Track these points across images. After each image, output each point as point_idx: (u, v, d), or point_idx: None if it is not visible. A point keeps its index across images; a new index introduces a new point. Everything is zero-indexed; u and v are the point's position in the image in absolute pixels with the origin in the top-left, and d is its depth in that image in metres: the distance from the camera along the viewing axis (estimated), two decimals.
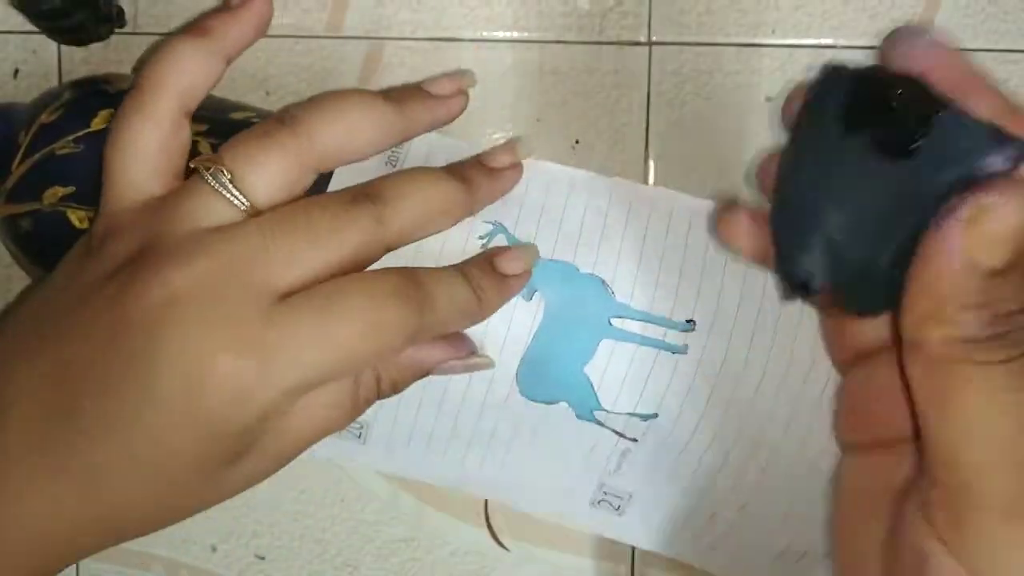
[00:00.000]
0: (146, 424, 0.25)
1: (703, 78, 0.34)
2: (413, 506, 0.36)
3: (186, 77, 0.27)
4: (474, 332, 0.30)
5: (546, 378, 0.31)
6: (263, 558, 0.36)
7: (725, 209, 0.27)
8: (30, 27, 0.33)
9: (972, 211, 0.20)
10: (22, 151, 0.29)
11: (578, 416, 0.31)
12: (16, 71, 0.34)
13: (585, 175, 0.32)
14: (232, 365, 0.24)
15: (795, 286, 0.24)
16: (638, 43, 0.34)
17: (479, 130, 0.33)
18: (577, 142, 0.34)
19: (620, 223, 0.31)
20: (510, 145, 0.31)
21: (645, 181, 0.34)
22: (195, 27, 0.28)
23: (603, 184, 0.32)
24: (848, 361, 0.27)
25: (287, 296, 0.25)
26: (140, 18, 0.34)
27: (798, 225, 0.23)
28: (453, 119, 0.30)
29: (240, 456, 0.26)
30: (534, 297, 0.30)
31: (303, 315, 0.25)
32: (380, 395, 0.28)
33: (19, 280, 0.35)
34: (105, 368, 0.25)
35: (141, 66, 0.28)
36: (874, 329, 0.25)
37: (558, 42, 0.34)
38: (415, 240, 0.28)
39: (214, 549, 0.36)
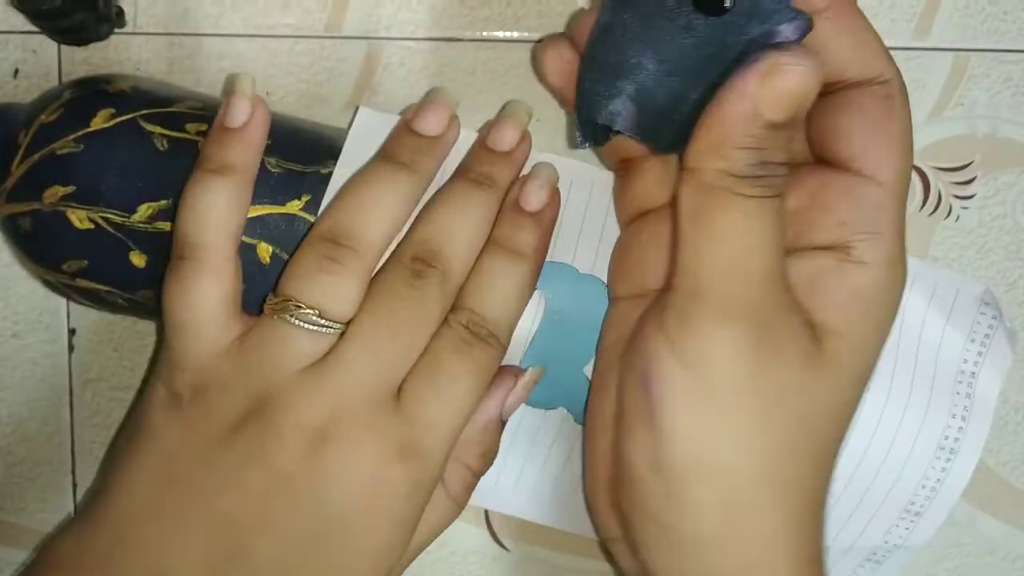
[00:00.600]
0: (327, 550, 0.27)
1: None
2: None
3: (230, 220, 0.28)
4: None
5: (545, 381, 0.31)
6: None
7: (551, 41, 0.29)
8: (30, 27, 0.33)
9: (768, 66, 0.23)
10: (22, 151, 0.29)
11: (577, 421, 0.31)
12: (16, 71, 0.34)
13: (588, 169, 0.31)
14: (400, 469, 0.27)
15: (596, 130, 0.27)
16: None
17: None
18: None
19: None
20: (510, 119, 0.30)
21: None
22: (214, 164, 0.28)
23: (605, 177, 0.31)
24: (630, 219, 0.30)
25: (401, 387, 0.28)
26: (140, 18, 0.34)
27: (611, 71, 0.26)
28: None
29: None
30: (533, 298, 0.30)
31: (428, 399, 0.28)
32: (477, 474, 0.30)
33: (19, 280, 0.35)
34: (270, 513, 0.27)
35: (179, 218, 0.28)
36: (657, 186, 0.29)
37: None
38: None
39: None
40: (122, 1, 0.34)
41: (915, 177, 0.34)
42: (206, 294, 0.27)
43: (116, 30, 0.34)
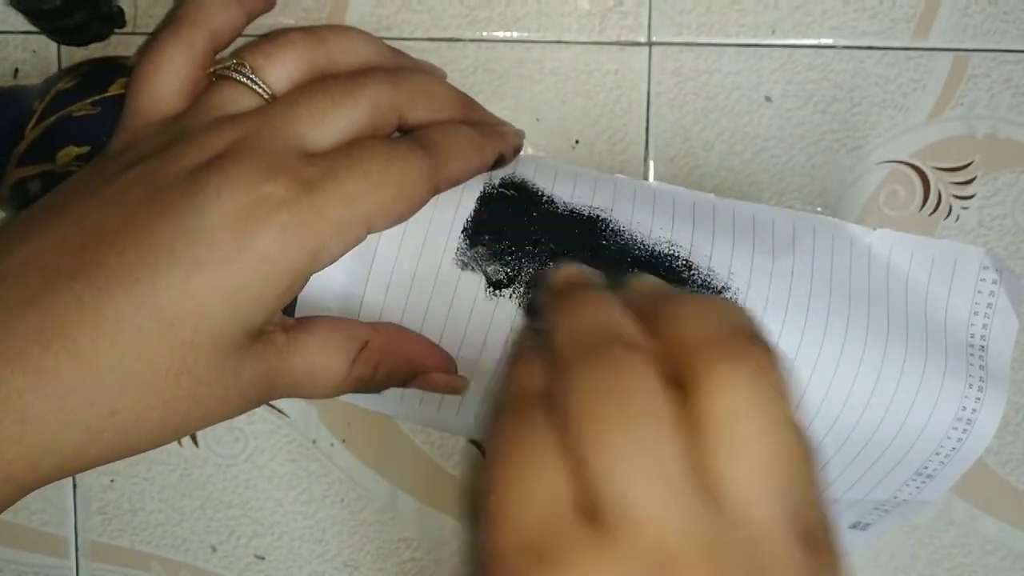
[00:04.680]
0: (181, 267, 0.24)
1: (703, 78, 0.34)
2: (413, 506, 0.36)
3: (218, 18, 0.29)
4: (484, 312, 0.29)
5: None
6: (263, 558, 0.36)
7: None
8: (30, 27, 0.33)
9: None
10: (36, 115, 0.29)
11: None
12: (16, 71, 0.34)
13: (591, 174, 0.31)
14: (280, 192, 0.25)
15: None
16: (638, 43, 0.34)
17: None
18: (577, 142, 0.34)
19: (627, 215, 0.30)
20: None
21: (645, 181, 0.34)
22: None
23: (607, 182, 0.31)
24: None
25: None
26: (140, 18, 0.34)
27: None
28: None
29: (255, 341, 0.26)
30: None
31: (335, 157, 0.26)
32: (372, 379, 0.29)
33: None
34: (135, 218, 0.25)
35: (174, 7, 0.30)
36: None
37: (558, 42, 0.34)
38: (422, 117, 0.29)
39: (214, 549, 0.36)
40: (122, 1, 0.34)
41: (915, 177, 0.34)
42: (173, 56, 0.28)
43: (116, 30, 0.34)
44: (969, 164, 0.34)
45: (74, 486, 0.36)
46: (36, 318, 0.23)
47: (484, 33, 0.34)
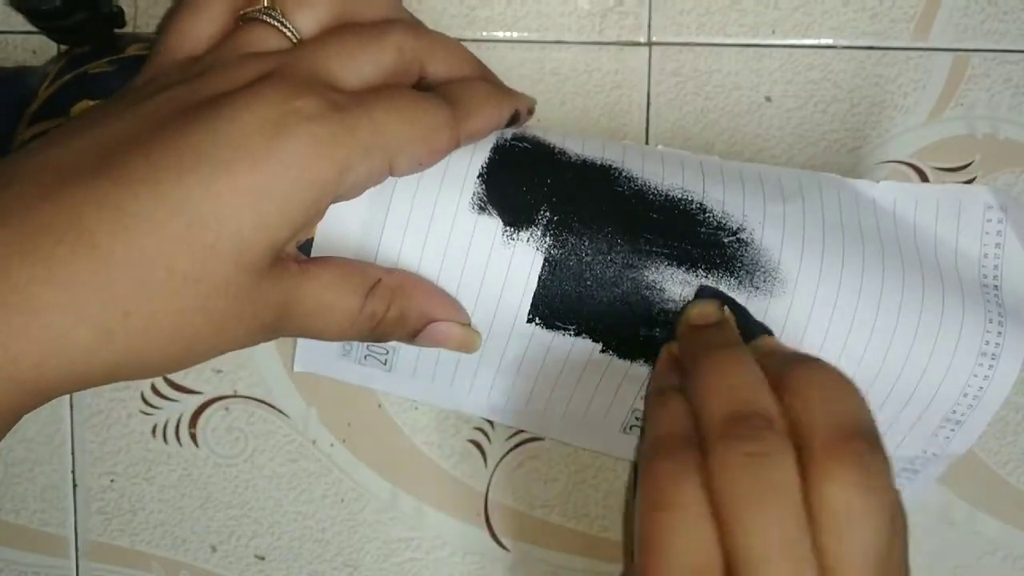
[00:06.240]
0: (207, 167, 0.24)
1: (703, 78, 0.34)
2: (413, 506, 0.36)
3: None
4: (501, 258, 0.29)
5: (566, 311, 0.30)
6: (263, 558, 0.36)
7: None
8: (30, 27, 0.33)
9: None
10: (51, 76, 0.29)
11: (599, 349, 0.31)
12: None
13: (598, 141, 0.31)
14: (311, 106, 0.25)
15: None
16: (638, 43, 0.34)
17: None
18: None
19: (638, 166, 0.30)
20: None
21: None
22: None
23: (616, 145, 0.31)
24: None
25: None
26: (140, 18, 0.34)
27: None
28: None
29: (272, 265, 0.25)
30: None
31: (365, 93, 0.27)
32: (384, 320, 0.28)
33: None
34: (166, 129, 0.24)
35: None
36: None
37: (558, 42, 0.34)
38: (442, 72, 0.29)
39: (214, 549, 0.36)
40: (122, 1, 0.34)
41: (915, 177, 0.34)
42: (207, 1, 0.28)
43: (116, 30, 0.34)
44: (969, 164, 0.34)
45: (74, 486, 0.36)
46: (50, 212, 0.23)
47: (484, 33, 0.34)
